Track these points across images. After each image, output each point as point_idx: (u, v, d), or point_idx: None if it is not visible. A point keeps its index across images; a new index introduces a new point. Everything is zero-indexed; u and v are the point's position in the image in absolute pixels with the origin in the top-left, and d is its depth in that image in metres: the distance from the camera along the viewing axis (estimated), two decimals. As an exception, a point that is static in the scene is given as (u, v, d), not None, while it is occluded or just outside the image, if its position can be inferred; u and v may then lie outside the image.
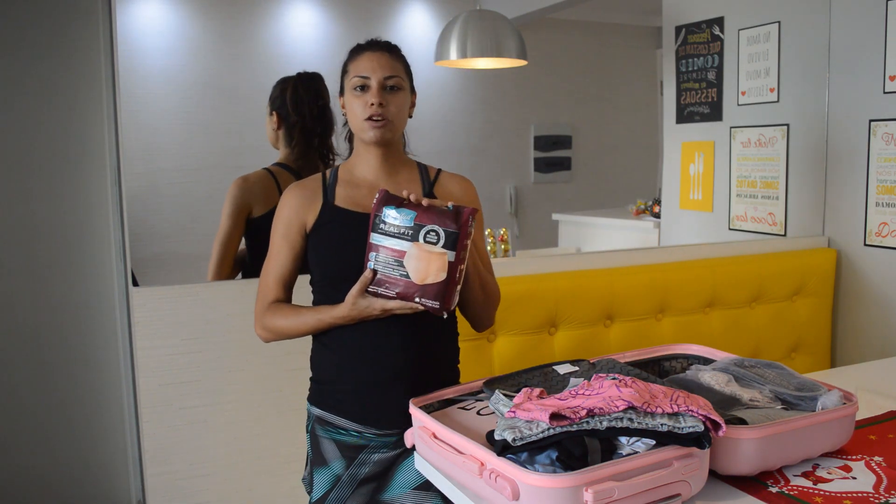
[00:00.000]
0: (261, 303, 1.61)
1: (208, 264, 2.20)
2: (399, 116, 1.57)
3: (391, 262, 1.40)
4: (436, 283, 1.38)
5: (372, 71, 1.54)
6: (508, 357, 2.14)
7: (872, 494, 1.17)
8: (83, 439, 2.35)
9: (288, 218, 1.59)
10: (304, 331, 1.56)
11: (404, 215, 1.41)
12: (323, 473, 1.59)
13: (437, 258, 1.39)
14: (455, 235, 1.39)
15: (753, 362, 1.49)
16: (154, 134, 3.06)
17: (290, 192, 1.61)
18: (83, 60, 2.26)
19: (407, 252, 1.39)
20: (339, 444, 1.58)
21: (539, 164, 4.38)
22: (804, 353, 2.64)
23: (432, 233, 1.39)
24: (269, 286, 1.60)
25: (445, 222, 1.39)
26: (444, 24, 3.26)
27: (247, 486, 2.13)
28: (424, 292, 1.39)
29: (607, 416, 1.11)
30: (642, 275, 2.35)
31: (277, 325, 1.57)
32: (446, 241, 1.39)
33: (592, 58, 4.53)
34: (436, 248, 1.39)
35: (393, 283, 1.41)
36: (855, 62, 2.62)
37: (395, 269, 1.40)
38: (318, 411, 1.61)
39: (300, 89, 2.32)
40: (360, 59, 1.56)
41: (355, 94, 1.55)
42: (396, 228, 1.40)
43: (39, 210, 2.28)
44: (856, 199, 2.64)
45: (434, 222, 1.39)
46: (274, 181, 2.25)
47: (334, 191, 1.60)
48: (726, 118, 3.07)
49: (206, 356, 2.07)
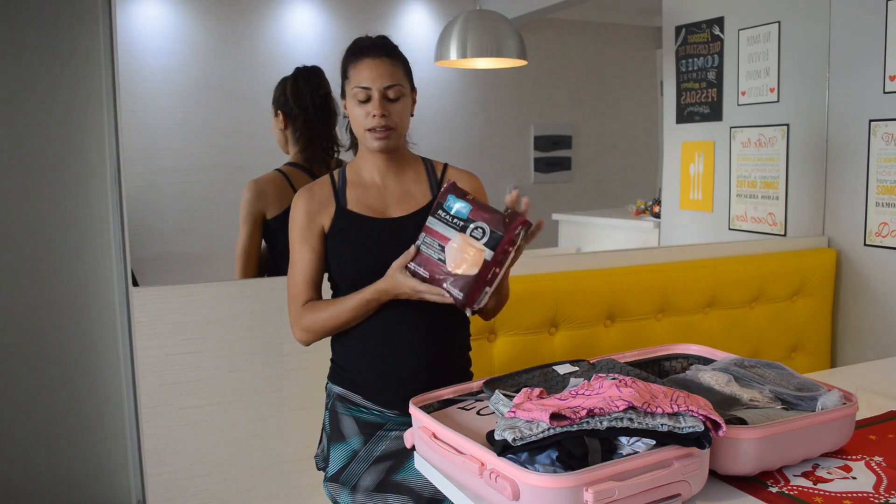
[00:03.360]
0: (294, 308, 1.63)
1: (207, 265, 2.22)
2: (402, 123, 1.59)
3: (435, 245, 1.46)
4: (466, 276, 1.43)
5: (372, 81, 1.54)
6: (508, 357, 2.14)
7: (872, 494, 1.17)
8: (83, 439, 2.35)
9: (303, 222, 1.61)
10: (346, 317, 1.57)
11: (462, 207, 1.48)
12: (340, 448, 1.63)
13: (474, 252, 1.43)
14: (499, 238, 1.44)
15: (753, 362, 1.49)
16: (154, 134, 3.06)
17: (300, 197, 1.62)
18: (83, 60, 2.26)
19: (450, 240, 1.45)
20: (358, 421, 1.62)
21: (539, 164, 4.38)
22: (804, 353, 2.64)
23: (479, 229, 1.45)
24: (298, 289, 1.62)
25: (495, 223, 1.45)
26: (444, 24, 3.26)
27: (247, 486, 2.13)
28: (454, 281, 1.43)
29: (607, 416, 1.11)
30: (642, 275, 2.35)
31: (319, 319, 1.59)
32: (489, 240, 1.44)
33: (592, 58, 4.52)
34: (478, 243, 1.44)
35: (429, 265, 1.46)
36: (855, 62, 2.62)
37: (435, 252, 1.46)
38: (339, 389, 1.66)
39: (300, 82, 2.34)
40: (360, 66, 1.56)
41: (356, 103, 1.56)
42: (450, 218, 1.47)
43: (39, 210, 2.28)
44: (856, 199, 2.63)
45: (485, 220, 1.45)
46: (287, 181, 2.27)
47: (345, 194, 1.61)
48: (726, 118, 3.07)
49: (206, 356, 2.07)
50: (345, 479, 1.61)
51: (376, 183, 1.63)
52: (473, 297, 1.43)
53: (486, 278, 1.43)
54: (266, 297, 2.10)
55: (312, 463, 2.11)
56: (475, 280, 1.42)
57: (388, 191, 1.63)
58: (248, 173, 2.33)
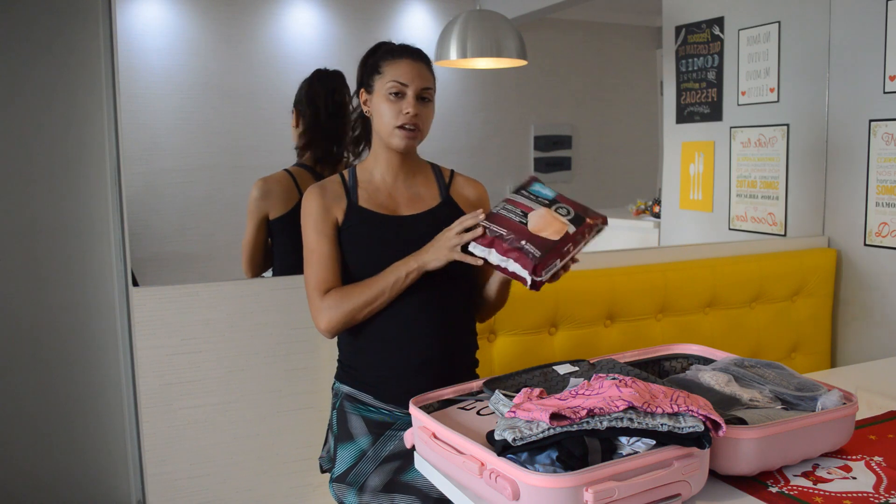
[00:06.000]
0: (315, 299, 1.60)
1: (207, 265, 2.22)
2: (426, 128, 1.62)
3: (517, 211, 1.48)
4: (546, 239, 1.43)
5: (411, 80, 1.55)
6: (508, 357, 2.14)
7: (872, 494, 1.17)
8: (83, 439, 2.35)
9: (317, 214, 1.60)
10: (381, 292, 1.54)
11: (548, 191, 1.53)
12: (348, 448, 1.63)
13: (559, 223, 1.46)
14: (582, 220, 1.48)
15: (753, 362, 1.49)
16: (154, 134, 3.05)
17: (312, 192, 1.63)
18: (83, 60, 2.26)
19: (535, 210, 1.48)
20: (367, 421, 1.63)
21: (539, 164, 4.37)
22: (804, 353, 2.64)
23: (563, 209, 1.49)
24: (319, 279, 1.59)
25: (579, 208, 1.50)
26: (444, 24, 3.26)
27: (247, 486, 2.13)
28: (532, 240, 1.43)
29: (607, 416, 1.11)
30: (642, 275, 2.35)
31: (350, 301, 1.56)
32: (574, 218, 1.48)
33: (592, 58, 4.52)
34: (563, 217, 1.47)
35: (507, 225, 1.46)
36: (855, 62, 2.62)
37: (516, 216, 1.47)
38: (347, 389, 1.66)
39: (316, 83, 2.37)
40: (399, 63, 1.57)
41: (389, 98, 1.56)
42: (535, 197, 1.51)
43: (39, 210, 2.28)
44: (856, 199, 2.63)
45: (569, 204, 1.50)
46: (293, 182, 2.28)
47: (356, 192, 1.62)
48: (726, 118, 3.07)
49: (206, 356, 2.07)
50: (352, 479, 1.60)
51: (387, 183, 1.65)
52: (547, 261, 1.41)
53: (562, 250, 1.43)
54: (266, 296, 2.10)
55: (312, 463, 2.11)
56: (553, 246, 1.42)
57: (398, 191, 1.65)
58: (248, 173, 2.33)
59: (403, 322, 1.58)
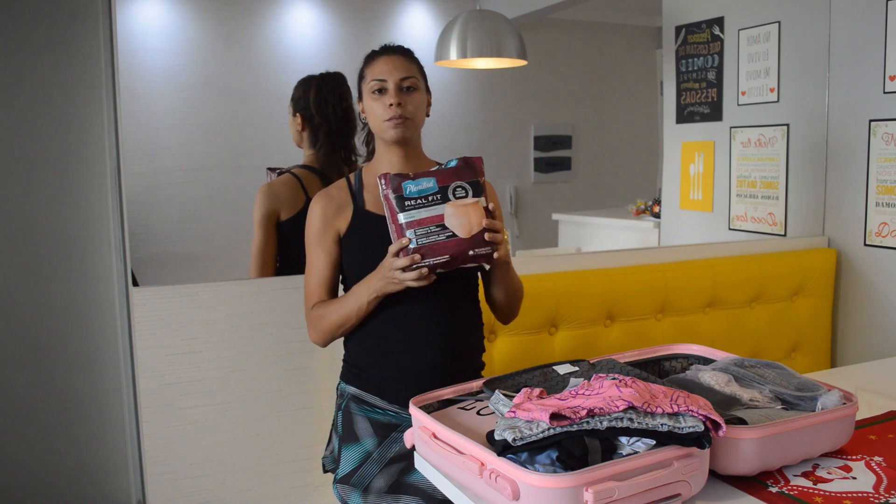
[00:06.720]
0: (306, 310, 1.67)
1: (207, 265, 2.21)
2: (417, 115, 1.62)
3: (434, 229, 1.43)
4: (483, 231, 1.44)
5: (388, 73, 1.58)
6: (508, 357, 2.14)
7: (872, 494, 1.17)
8: (83, 439, 2.35)
9: (319, 227, 1.63)
10: (346, 315, 1.58)
11: (425, 183, 1.45)
12: (353, 450, 1.63)
13: (474, 208, 1.44)
14: (477, 183, 1.45)
15: (753, 362, 1.49)
16: (154, 134, 3.05)
17: (318, 201, 1.65)
18: (83, 60, 2.26)
19: (445, 213, 1.43)
20: (372, 422, 1.63)
21: (539, 164, 4.37)
22: (804, 353, 2.64)
23: (459, 188, 1.45)
24: (312, 293, 1.66)
25: (463, 175, 1.45)
26: (444, 24, 3.26)
27: (247, 486, 2.13)
28: (475, 242, 1.43)
29: (607, 416, 1.11)
30: (642, 275, 2.35)
31: (324, 318, 1.61)
32: (474, 191, 1.45)
33: (592, 58, 4.52)
34: (468, 199, 1.44)
35: (442, 248, 1.43)
36: (855, 62, 2.62)
37: (440, 234, 1.43)
38: (353, 390, 1.66)
39: (324, 90, 2.35)
40: (376, 63, 1.61)
41: (374, 97, 1.59)
42: (424, 198, 1.44)
43: (39, 210, 2.28)
44: (856, 199, 2.63)
45: (455, 179, 1.45)
46: (300, 184, 2.28)
47: (362, 196, 1.63)
48: (726, 118, 3.07)
49: (206, 356, 2.07)
50: (356, 480, 1.60)
51: None
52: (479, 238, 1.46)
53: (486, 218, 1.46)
54: (267, 296, 2.11)
55: (312, 463, 2.11)
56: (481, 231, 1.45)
57: None
58: (249, 173, 2.33)
59: (413, 325, 1.59)
